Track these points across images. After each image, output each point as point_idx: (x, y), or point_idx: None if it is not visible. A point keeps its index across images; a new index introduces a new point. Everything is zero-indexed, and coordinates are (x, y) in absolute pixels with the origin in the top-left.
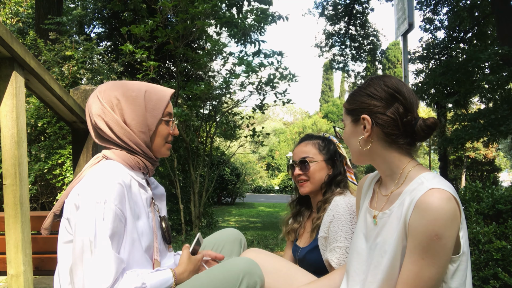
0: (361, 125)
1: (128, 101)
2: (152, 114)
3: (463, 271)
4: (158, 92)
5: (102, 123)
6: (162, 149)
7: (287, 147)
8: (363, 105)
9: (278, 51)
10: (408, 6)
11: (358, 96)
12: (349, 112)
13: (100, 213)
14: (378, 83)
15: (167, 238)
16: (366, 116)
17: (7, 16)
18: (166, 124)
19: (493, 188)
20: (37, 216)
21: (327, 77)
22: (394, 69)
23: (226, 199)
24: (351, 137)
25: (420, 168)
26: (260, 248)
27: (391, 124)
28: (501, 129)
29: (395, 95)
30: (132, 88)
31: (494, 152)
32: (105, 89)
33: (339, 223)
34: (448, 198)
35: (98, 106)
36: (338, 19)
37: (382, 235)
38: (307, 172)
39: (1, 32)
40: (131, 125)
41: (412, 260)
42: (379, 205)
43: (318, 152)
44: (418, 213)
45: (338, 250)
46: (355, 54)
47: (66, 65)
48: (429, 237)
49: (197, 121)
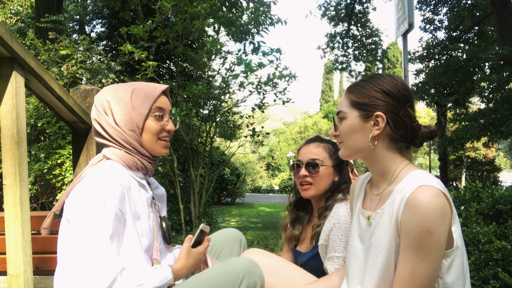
0: (372, 121)
1: (116, 102)
2: (138, 111)
3: (458, 266)
4: (146, 89)
5: (97, 126)
6: (155, 146)
7: (287, 147)
8: (378, 102)
9: (276, 49)
10: (408, 6)
11: (371, 91)
12: (358, 106)
13: (100, 214)
14: (391, 80)
15: (167, 238)
16: (381, 114)
17: (6, 16)
18: (156, 119)
19: (493, 188)
20: (37, 216)
21: (327, 77)
22: (393, 69)
23: (226, 199)
24: (356, 131)
25: (410, 166)
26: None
27: (402, 127)
28: (502, 129)
29: (408, 97)
30: (121, 89)
31: (494, 152)
32: (100, 93)
33: (339, 232)
34: (437, 194)
35: (94, 110)
36: (340, 20)
37: (376, 234)
38: (315, 176)
39: (1, 32)
40: (120, 125)
41: (406, 257)
42: (372, 205)
43: (328, 156)
44: (409, 210)
45: (337, 260)
46: (357, 55)
47: (65, 65)
48: (421, 234)
49: (197, 121)
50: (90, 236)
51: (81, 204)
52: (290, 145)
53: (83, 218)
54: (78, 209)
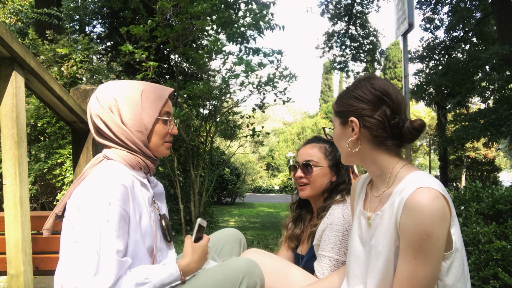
0: (350, 127)
1: (125, 101)
2: (148, 113)
3: (457, 268)
4: (155, 91)
5: (100, 123)
6: (161, 148)
7: (287, 147)
8: (351, 108)
9: (278, 50)
10: (408, 6)
11: (346, 99)
12: (338, 114)
13: (105, 215)
14: (365, 85)
15: (168, 236)
16: (354, 119)
17: (6, 16)
18: (164, 123)
19: (493, 188)
20: (37, 216)
21: (326, 77)
22: (394, 69)
23: (226, 199)
24: (340, 138)
25: (409, 167)
26: (260, 248)
27: (379, 127)
28: (502, 129)
29: (382, 97)
30: (130, 88)
31: (494, 152)
32: (104, 89)
33: (330, 232)
34: (436, 196)
35: (96, 106)
36: (339, 19)
37: (376, 236)
38: (309, 176)
39: (1, 32)
40: (128, 125)
41: (405, 260)
42: (372, 206)
43: (323, 157)
44: (407, 213)
45: (323, 259)
46: (355, 54)
47: (65, 65)
48: (420, 236)
49: (197, 121)
50: (96, 238)
51: (86, 206)
52: (289, 145)
53: (88, 219)
54: (83, 211)
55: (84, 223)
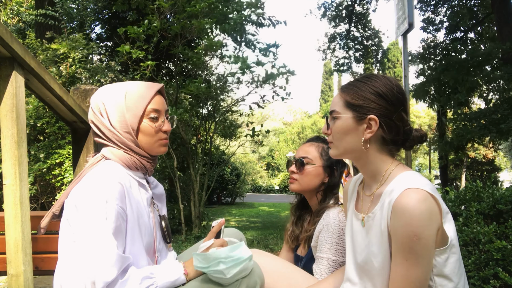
0: (365, 124)
1: (110, 104)
2: (132, 113)
3: (454, 263)
4: (139, 90)
5: (95, 127)
6: (154, 146)
7: (287, 147)
8: (373, 104)
9: (272, 43)
10: (408, 6)
11: (366, 92)
12: (352, 107)
13: (103, 213)
14: (387, 83)
15: (167, 237)
16: (375, 117)
17: (8, 16)
18: (151, 121)
19: (494, 188)
20: (37, 216)
21: (326, 77)
22: (394, 69)
23: (226, 199)
24: (348, 133)
25: (400, 167)
26: (260, 248)
27: (394, 130)
28: (501, 127)
29: (402, 102)
30: (115, 90)
31: (494, 152)
32: (95, 94)
33: (326, 234)
34: (423, 198)
35: (90, 111)
36: (340, 20)
37: (370, 238)
38: (300, 173)
39: (1, 32)
40: (116, 127)
41: (397, 262)
42: (365, 207)
43: (319, 156)
44: (396, 215)
45: (321, 260)
46: (359, 56)
47: (64, 64)
48: (409, 238)
49: (196, 120)
50: (94, 235)
51: (83, 204)
52: (289, 145)
53: (86, 218)
54: (80, 210)
55: (81, 222)
